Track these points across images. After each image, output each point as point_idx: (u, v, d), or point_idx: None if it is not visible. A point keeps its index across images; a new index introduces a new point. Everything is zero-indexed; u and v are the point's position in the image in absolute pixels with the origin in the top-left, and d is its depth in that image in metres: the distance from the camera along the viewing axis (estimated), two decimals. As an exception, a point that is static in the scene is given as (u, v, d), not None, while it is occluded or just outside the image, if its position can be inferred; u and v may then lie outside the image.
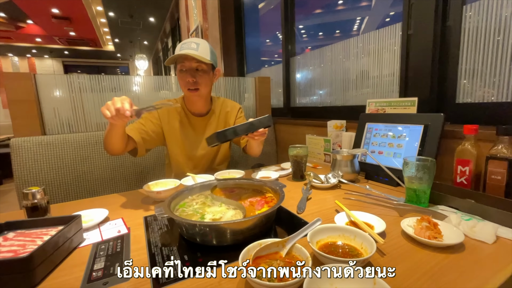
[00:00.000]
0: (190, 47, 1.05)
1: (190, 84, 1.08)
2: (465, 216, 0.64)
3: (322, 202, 0.82)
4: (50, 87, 1.35)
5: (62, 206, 0.89)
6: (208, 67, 1.11)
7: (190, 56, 1.03)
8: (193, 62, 1.06)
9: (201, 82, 1.09)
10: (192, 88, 1.09)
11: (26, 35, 7.88)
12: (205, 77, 1.10)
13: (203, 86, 1.11)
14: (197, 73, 1.08)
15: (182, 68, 1.08)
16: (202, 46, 1.08)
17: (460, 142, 0.81)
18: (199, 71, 1.09)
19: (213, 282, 0.46)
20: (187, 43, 1.07)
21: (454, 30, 1.02)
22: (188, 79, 1.07)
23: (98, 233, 0.67)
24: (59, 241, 0.54)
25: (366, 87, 1.48)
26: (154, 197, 0.88)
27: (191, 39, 1.09)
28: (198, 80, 1.08)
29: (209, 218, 0.62)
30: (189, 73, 1.07)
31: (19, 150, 1.22)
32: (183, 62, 1.06)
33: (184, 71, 1.08)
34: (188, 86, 1.09)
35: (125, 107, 0.76)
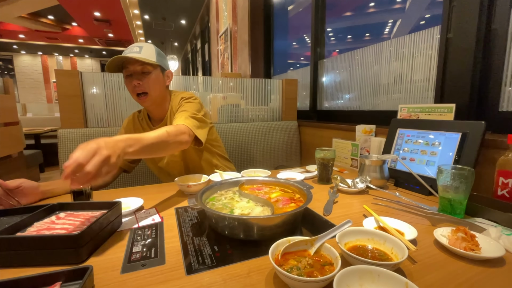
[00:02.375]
0: (132, 51, 0.99)
1: (136, 88, 1.01)
2: (506, 231, 0.60)
3: (349, 206, 0.81)
4: (92, 83, 1.47)
5: (101, 193, 0.97)
6: (155, 69, 1.04)
7: (133, 59, 0.97)
8: (137, 65, 1.00)
9: (149, 85, 1.02)
10: (140, 93, 1.02)
11: (70, 36, 8.58)
12: (152, 79, 1.03)
13: (152, 89, 1.03)
14: (143, 76, 1.01)
15: (127, 73, 1.02)
16: (146, 48, 1.02)
17: (502, 152, 0.76)
18: (145, 73, 1.01)
19: (243, 273, 0.48)
20: (129, 47, 1.02)
21: (500, 33, 0.96)
22: (133, 83, 1.00)
23: (134, 219, 0.72)
24: (103, 223, 0.60)
25: (398, 92, 1.43)
26: (185, 190, 0.92)
27: (135, 43, 1.04)
28: (144, 84, 1.01)
29: (238, 213, 0.64)
30: (135, 77, 1.01)
31: (65, 140, 1.34)
32: (127, 66, 1.00)
33: (129, 76, 1.02)
34: (136, 90, 1.01)
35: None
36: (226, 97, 1.83)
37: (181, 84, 1.73)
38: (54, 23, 7.65)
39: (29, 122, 4.84)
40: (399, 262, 0.44)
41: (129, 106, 1.55)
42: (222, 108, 1.82)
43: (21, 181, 0.80)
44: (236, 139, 1.74)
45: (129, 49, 1.01)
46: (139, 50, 1.00)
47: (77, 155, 0.52)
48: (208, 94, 1.84)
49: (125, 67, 1.02)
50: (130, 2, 6.05)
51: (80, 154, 0.52)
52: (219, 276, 0.47)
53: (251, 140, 1.78)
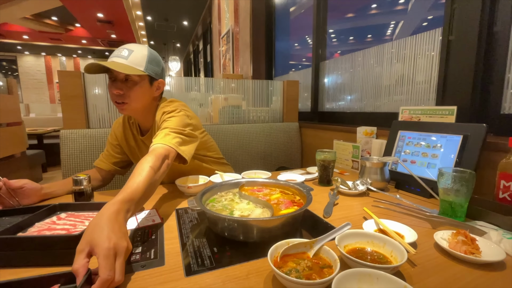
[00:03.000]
0: (119, 55, 0.89)
1: (115, 97, 0.91)
2: (507, 234, 0.60)
3: (349, 208, 0.81)
4: (95, 84, 1.48)
5: (102, 194, 0.97)
6: (141, 79, 0.93)
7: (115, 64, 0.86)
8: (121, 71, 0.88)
9: (130, 95, 0.92)
10: (119, 102, 0.92)
11: (73, 37, 8.64)
12: (136, 89, 0.92)
13: (133, 100, 0.93)
14: (126, 85, 0.91)
15: (110, 76, 0.92)
16: (136, 53, 0.91)
17: (504, 155, 0.76)
18: (127, 82, 0.91)
19: (242, 275, 0.48)
20: (119, 49, 0.92)
21: (502, 36, 0.96)
22: (112, 91, 0.91)
23: (134, 220, 0.73)
24: (103, 224, 0.60)
25: (399, 94, 1.43)
26: (185, 191, 0.92)
27: (127, 45, 0.94)
28: (125, 93, 0.91)
29: (238, 215, 0.64)
30: (115, 84, 0.91)
31: (67, 141, 1.35)
32: (110, 70, 0.89)
33: (113, 81, 0.92)
34: (115, 98, 0.92)
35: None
36: (228, 98, 1.84)
37: (182, 85, 1.74)
38: (58, 24, 7.71)
39: (32, 122, 4.88)
40: (398, 265, 0.44)
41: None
42: (224, 109, 1.82)
43: (25, 181, 0.80)
44: (237, 140, 1.74)
45: (117, 51, 0.91)
46: (127, 54, 0.89)
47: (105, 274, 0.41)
48: (209, 95, 1.84)
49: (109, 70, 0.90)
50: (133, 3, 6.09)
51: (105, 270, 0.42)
52: (218, 278, 0.47)
53: (252, 141, 1.78)
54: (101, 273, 0.41)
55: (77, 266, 0.42)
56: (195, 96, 1.80)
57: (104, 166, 1.10)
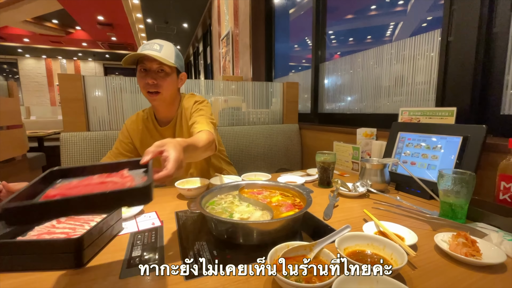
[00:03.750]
0: (152, 48, 0.98)
1: (149, 86, 1.00)
2: (508, 236, 0.60)
3: (349, 210, 0.81)
4: (95, 87, 1.48)
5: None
6: (172, 70, 1.04)
7: (151, 57, 0.97)
8: (155, 63, 0.99)
9: (162, 85, 1.01)
10: (152, 91, 1.01)
11: (74, 40, 8.67)
12: (167, 80, 1.03)
13: (165, 89, 1.02)
14: (158, 75, 1.01)
15: (142, 68, 1.01)
16: (166, 48, 1.02)
17: (504, 156, 0.76)
18: (160, 73, 1.01)
19: (241, 279, 0.48)
20: (150, 43, 1.00)
21: (501, 37, 0.96)
22: (147, 81, 0.99)
23: (134, 223, 0.73)
24: (103, 228, 0.60)
25: (399, 95, 1.43)
26: (185, 194, 0.92)
27: (155, 40, 1.03)
28: (159, 83, 1.01)
29: (237, 217, 0.64)
30: (150, 74, 1.00)
31: (67, 144, 1.35)
32: (144, 62, 0.99)
33: (144, 71, 1.01)
34: (148, 88, 1.01)
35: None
36: (228, 100, 1.84)
37: (183, 87, 1.74)
38: (58, 27, 7.75)
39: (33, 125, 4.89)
40: (398, 268, 0.44)
41: (131, 109, 1.56)
42: (224, 111, 1.82)
43: (24, 185, 0.80)
44: (237, 142, 1.74)
45: (149, 45, 0.99)
46: (160, 48, 0.99)
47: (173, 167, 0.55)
48: (209, 97, 1.85)
49: (141, 62, 1.00)
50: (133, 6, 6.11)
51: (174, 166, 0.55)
52: (218, 282, 0.47)
53: (252, 143, 1.78)
54: (170, 167, 0.53)
55: (151, 150, 0.56)
56: (195, 98, 1.80)
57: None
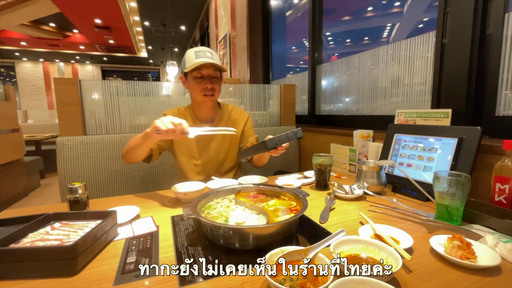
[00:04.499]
0: (206, 56, 1.12)
1: (207, 90, 1.14)
2: (503, 238, 0.60)
3: (345, 213, 0.81)
4: (91, 91, 1.48)
5: (98, 202, 0.97)
6: (220, 76, 1.19)
7: (208, 64, 1.10)
8: (211, 70, 1.13)
9: (216, 89, 1.17)
10: (209, 94, 1.15)
11: (71, 43, 8.66)
12: (219, 83, 1.19)
13: (217, 92, 1.18)
14: (213, 80, 1.15)
15: (199, 75, 1.13)
16: (215, 55, 1.16)
17: (499, 158, 0.76)
18: (214, 78, 1.16)
19: (236, 284, 0.47)
20: (202, 51, 1.13)
21: (495, 38, 0.96)
22: (206, 85, 1.13)
23: (130, 229, 0.72)
24: (98, 234, 0.59)
25: (395, 96, 1.44)
26: (181, 198, 0.92)
27: (203, 48, 1.16)
28: (214, 86, 1.15)
29: (233, 222, 0.64)
30: (208, 80, 1.14)
31: (63, 148, 1.35)
32: (201, 69, 1.12)
33: (200, 78, 1.13)
34: (205, 92, 1.14)
35: (184, 126, 0.87)
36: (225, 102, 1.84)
37: (181, 90, 1.74)
38: (56, 30, 7.74)
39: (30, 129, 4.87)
40: (392, 273, 0.44)
41: (128, 112, 1.56)
42: (221, 113, 1.82)
43: None
44: (234, 145, 1.74)
45: (202, 53, 1.13)
46: (211, 56, 1.13)
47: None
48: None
49: (198, 69, 1.12)
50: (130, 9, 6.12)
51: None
52: (213, 287, 0.47)
53: (249, 146, 1.78)
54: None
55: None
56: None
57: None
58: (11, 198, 3.01)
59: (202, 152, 1.24)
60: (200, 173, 1.24)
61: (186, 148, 1.22)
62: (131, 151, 1.03)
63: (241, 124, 1.31)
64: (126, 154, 1.07)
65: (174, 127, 0.85)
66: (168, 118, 0.87)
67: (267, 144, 0.85)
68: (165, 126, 0.85)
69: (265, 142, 0.86)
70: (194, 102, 1.25)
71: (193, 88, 1.17)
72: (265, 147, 0.86)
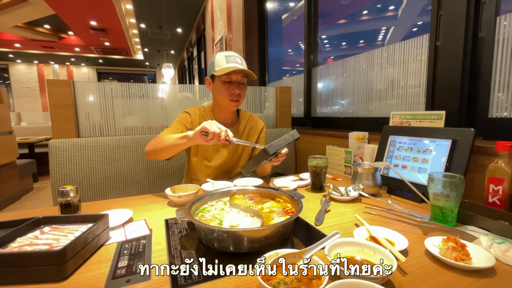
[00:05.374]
0: (236, 62, 1.13)
1: (235, 96, 1.15)
2: (497, 239, 0.60)
3: (341, 215, 0.80)
4: (85, 93, 1.46)
5: (91, 205, 0.95)
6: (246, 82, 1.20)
7: (238, 70, 1.11)
8: (240, 76, 1.14)
9: (243, 95, 1.19)
10: (236, 100, 1.16)
11: (66, 45, 8.59)
12: (245, 90, 1.20)
13: (243, 97, 1.19)
14: (241, 86, 1.17)
15: (228, 79, 1.13)
16: (244, 62, 1.17)
17: (492, 159, 0.76)
18: (242, 84, 1.17)
19: (230, 286, 0.46)
20: (232, 56, 1.14)
21: (487, 41, 0.98)
22: (235, 91, 1.14)
23: (122, 232, 0.71)
24: (88, 238, 0.58)
25: (390, 98, 1.44)
26: (176, 201, 0.91)
27: (233, 53, 1.17)
28: (241, 93, 1.17)
29: (227, 225, 0.63)
30: (236, 85, 1.15)
31: (56, 150, 1.33)
32: (231, 74, 1.12)
33: (229, 82, 1.14)
34: (233, 97, 1.15)
35: (230, 134, 0.90)
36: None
37: (176, 92, 1.74)
38: (50, 32, 7.67)
39: (24, 131, 4.81)
40: (387, 275, 0.43)
41: (122, 114, 1.55)
42: (217, 116, 1.81)
43: None
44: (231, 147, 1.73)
45: (233, 58, 1.14)
46: (241, 62, 1.15)
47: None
48: (203, 102, 1.84)
49: (228, 74, 1.12)
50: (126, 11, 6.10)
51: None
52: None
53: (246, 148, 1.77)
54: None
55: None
56: (190, 103, 1.79)
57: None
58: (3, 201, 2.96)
59: (216, 155, 1.25)
60: (210, 175, 1.24)
61: (201, 150, 1.23)
62: (164, 149, 1.03)
63: (256, 132, 1.33)
64: (155, 151, 1.06)
65: (220, 132, 0.87)
66: (215, 122, 0.90)
67: (268, 150, 0.87)
68: (213, 129, 0.87)
69: (265, 149, 0.87)
70: (216, 105, 1.24)
71: (220, 92, 1.16)
72: (266, 154, 0.87)
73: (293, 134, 0.92)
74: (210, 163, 1.24)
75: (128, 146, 1.46)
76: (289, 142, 0.91)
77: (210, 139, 0.87)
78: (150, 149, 1.08)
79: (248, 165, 0.96)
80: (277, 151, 0.91)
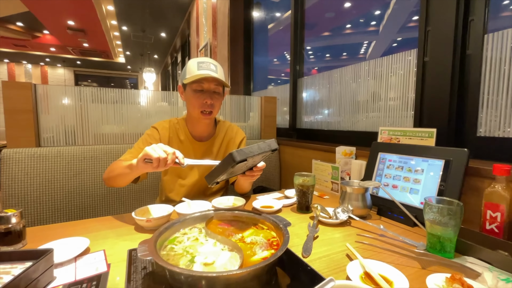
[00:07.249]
0: (209, 68, 1.01)
1: (206, 106, 1.03)
2: (501, 275, 0.54)
3: (330, 242, 0.72)
4: (49, 97, 1.31)
5: (41, 230, 0.81)
6: (222, 92, 1.09)
7: (211, 78, 0.99)
8: (213, 84, 1.02)
9: (216, 105, 1.06)
10: (207, 111, 1.04)
11: (41, 44, 8.14)
12: (220, 100, 1.08)
13: (216, 109, 1.07)
14: (214, 96, 1.04)
15: (199, 88, 1.02)
16: (219, 69, 1.06)
17: (486, 181, 0.73)
18: (215, 93, 1.05)
19: None
20: (205, 62, 1.02)
21: (475, 59, 0.96)
22: (206, 101, 1.02)
23: (73, 269, 0.58)
24: (21, 284, 0.46)
25: (377, 111, 1.41)
26: (144, 226, 0.79)
27: (207, 59, 1.05)
28: (214, 103, 1.04)
29: (200, 262, 0.53)
30: (208, 94, 1.03)
31: (9, 161, 1.16)
32: (202, 82, 1.01)
33: (200, 91, 1.03)
34: (204, 107, 1.03)
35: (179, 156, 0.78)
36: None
37: (159, 98, 1.62)
38: (23, 30, 7.23)
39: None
40: None
41: (95, 121, 1.40)
42: (198, 125, 1.71)
43: None
44: (211, 159, 1.63)
45: (206, 65, 1.02)
46: (215, 69, 1.03)
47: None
48: (185, 110, 1.73)
49: (198, 81, 1.01)
50: (107, 12, 5.88)
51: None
52: None
53: (227, 160, 1.68)
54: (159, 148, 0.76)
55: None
56: (169, 110, 1.67)
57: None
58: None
59: (191, 172, 1.12)
60: (185, 194, 1.11)
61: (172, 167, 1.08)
62: (115, 179, 0.91)
63: (235, 143, 1.21)
64: (108, 180, 0.94)
65: (166, 156, 0.75)
66: (160, 145, 0.77)
67: (234, 155, 0.69)
68: (157, 154, 0.74)
69: (231, 154, 0.70)
70: (189, 117, 1.13)
71: (190, 102, 1.05)
72: (232, 160, 0.69)
73: (270, 144, 0.80)
74: (184, 181, 1.12)
75: (97, 157, 1.32)
76: (264, 151, 0.77)
77: (156, 166, 0.74)
78: (105, 177, 0.96)
79: (213, 174, 0.78)
80: (247, 158, 0.72)
